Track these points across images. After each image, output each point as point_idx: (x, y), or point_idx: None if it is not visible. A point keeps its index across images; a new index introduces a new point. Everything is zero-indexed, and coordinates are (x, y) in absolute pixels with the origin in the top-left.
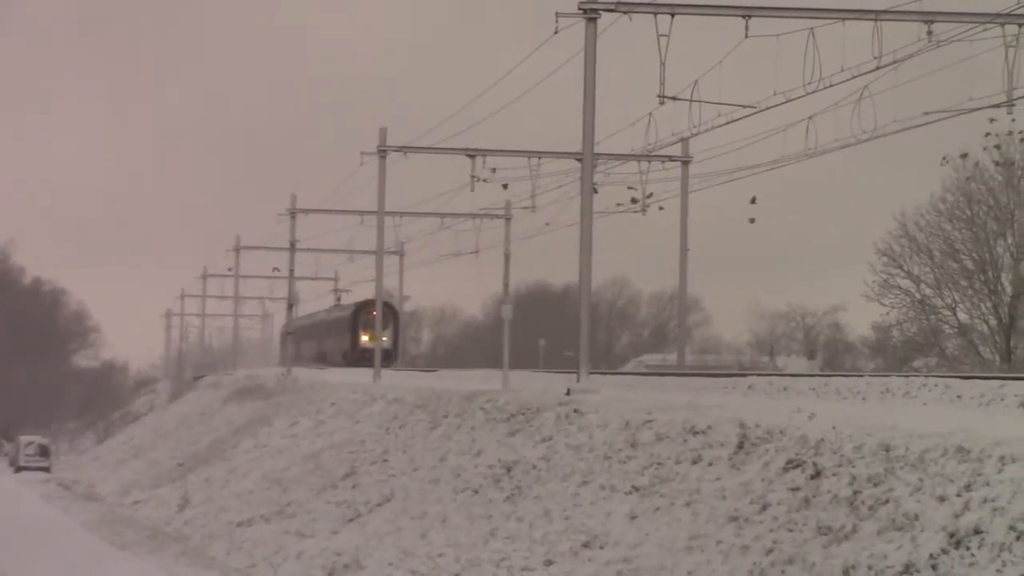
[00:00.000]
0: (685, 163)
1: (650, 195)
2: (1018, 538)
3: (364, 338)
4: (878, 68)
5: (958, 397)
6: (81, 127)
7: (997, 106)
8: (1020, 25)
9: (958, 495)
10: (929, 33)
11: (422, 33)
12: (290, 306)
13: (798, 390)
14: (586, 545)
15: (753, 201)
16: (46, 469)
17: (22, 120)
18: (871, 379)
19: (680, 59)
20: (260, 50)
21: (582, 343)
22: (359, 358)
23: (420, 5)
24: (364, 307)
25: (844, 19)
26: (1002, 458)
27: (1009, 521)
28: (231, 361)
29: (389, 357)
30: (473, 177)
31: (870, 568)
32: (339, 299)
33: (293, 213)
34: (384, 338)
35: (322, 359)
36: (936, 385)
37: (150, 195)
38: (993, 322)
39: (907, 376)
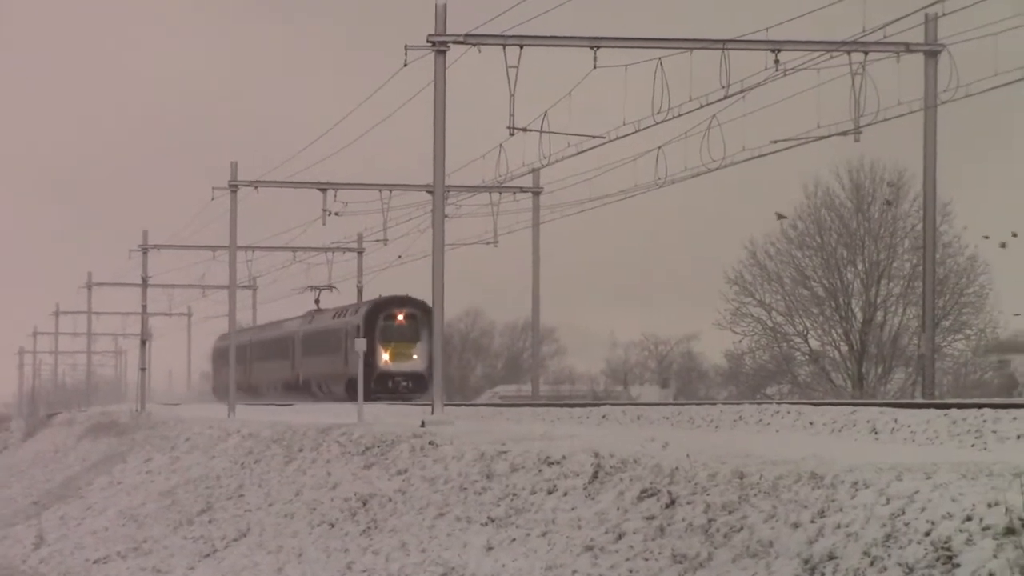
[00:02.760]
0: (536, 194)
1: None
2: (872, 563)
3: (385, 356)
4: (726, 97)
5: (810, 424)
6: None
7: (844, 133)
8: (866, 53)
9: (812, 521)
10: (776, 62)
11: (272, 68)
12: (143, 342)
13: (652, 419)
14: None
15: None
16: None
17: None
18: (724, 407)
19: (531, 90)
20: (109, 82)
21: (436, 375)
22: (380, 388)
23: (270, 39)
24: (383, 309)
25: (692, 49)
26: (855, 484)
27: (863, 547)
28: (85, 398)
29: (421, 385)
30: (325, 211)
31: None
32: (319, 300)
33: (145, 249)
34: (414, 356)
35: (304, 388)
36: (788, 412)
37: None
38: (844, 349)
39: (760, 404)
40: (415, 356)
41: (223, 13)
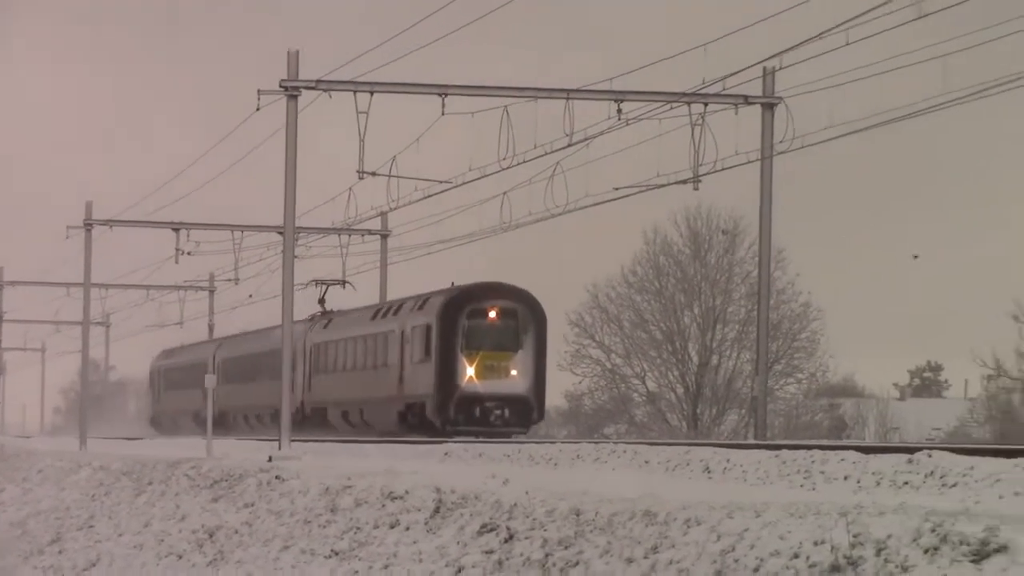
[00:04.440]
0: (384, 236)
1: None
2: None
3: (471, 372)
4: (570, 145)
5: (646, 462)
6: None
7: (684, 182)
8: (705, 104)
9: (645, 557)
10: (619, 111)
11: (128, 110)
12: None
13: (492, 456)
14: None
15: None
16: None
17: None
18: (563, 445)
19: (380, 135)
20: None
21: (284, 410)
22: (464, 416)
23: (126, 81)
24: (470, 301)
25: (537, 97)
26: (687, 521)
27: None
28: None
29: (523, 414)
30: (177, 250)
31: None
32: (323, 301)
33: (0, 285)
34: (514, 371)
35: (313, 419)
36: (625, 451)
37: None
38: (680, 390)
39: (597, 443)
40: (514, 372)
41: (81, 54)
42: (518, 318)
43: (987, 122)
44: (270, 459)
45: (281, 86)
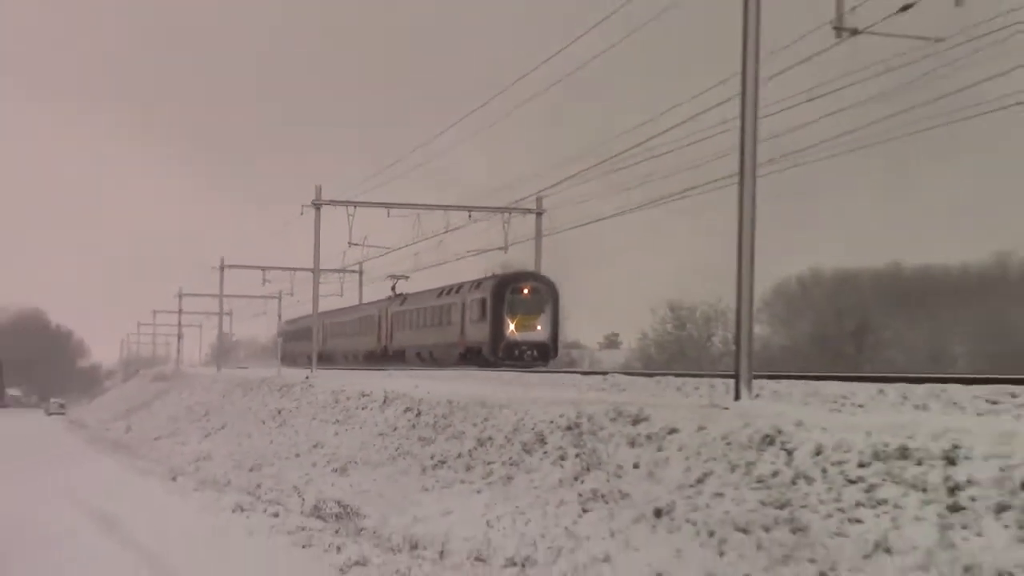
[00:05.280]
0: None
1: None
2: (507, 440)
3: (512, 327)
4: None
5: (498, 378)
6: None
7: (500, 248)
8: (510, 212)
9: (482, 421)
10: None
11: None
12: (179, 337)
13: (416, 373)
14: (315, 445)
15: None
16: (63, 414)
17: None
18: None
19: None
20: None
21: (313, 353)
22: (508, 356)
23: None
24: (510, 283)
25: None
26: (501, 407)
27: (504, 433)
28: (155, 362)
29: (544, 353)
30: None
31: (446, 453)
32: (394, 288)
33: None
34: (539, 326)
35: (396, 358)
36: (499, 375)
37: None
38: None
39: (481, 369)
40: (539, 327)
41: None
42: (541, 293)
43: None
44: (307, 378)
45: (312, 204)
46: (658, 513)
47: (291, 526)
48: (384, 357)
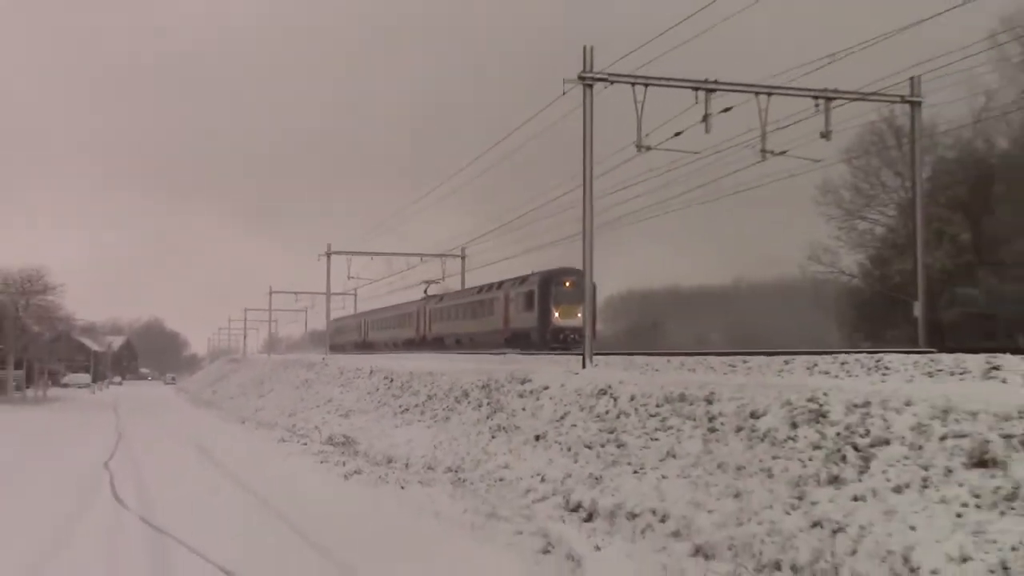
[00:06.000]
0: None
1: None
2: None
3: (557, 315)
4: None
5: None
6: None
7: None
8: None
9: (431, 384)
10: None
11: None
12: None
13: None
14: (328, 401)
15: None
16: (175, 384)
17: None
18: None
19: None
20: None
21: (326, 340)
22: (554, 340)
23: None
24: (556, 277)
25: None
26: (443, 375)
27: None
28: (230, 352)
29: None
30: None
31: (409, 404)
32: (427, 290)
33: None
34: (578, 314)
35: (435, 344)
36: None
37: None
38: None
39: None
40: (579, 315)
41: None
42: (579, 287)
43: None
44: (323, 359)
45: (325, 254)
46: (537, 438)
47: (314, 449)
48: (423, 343)
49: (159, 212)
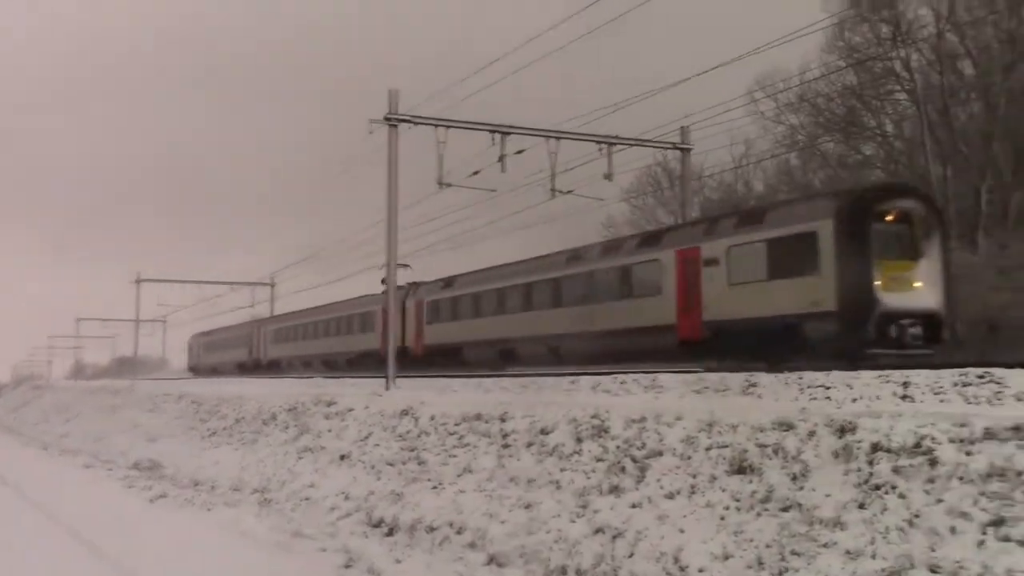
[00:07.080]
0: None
1: None
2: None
3: (879, 284)
4: None
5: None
6: None
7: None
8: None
9: (240, 407)
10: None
11: None
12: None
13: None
14: (135, 426)
15: None
16: None
17: None
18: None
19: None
20: None
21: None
22: (880, 337)
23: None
24: (876, 201)
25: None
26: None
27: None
28: (35, 378)
29: (936, 333)
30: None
31: (217, 427)
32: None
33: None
34: (917, 283)
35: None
36: None
37: None
38: None
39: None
40: (918, 284)
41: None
42: (915, 224)
43: None
44: (131, 384)
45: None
46: (342, 457)
47: (120, 475)
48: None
49: None
